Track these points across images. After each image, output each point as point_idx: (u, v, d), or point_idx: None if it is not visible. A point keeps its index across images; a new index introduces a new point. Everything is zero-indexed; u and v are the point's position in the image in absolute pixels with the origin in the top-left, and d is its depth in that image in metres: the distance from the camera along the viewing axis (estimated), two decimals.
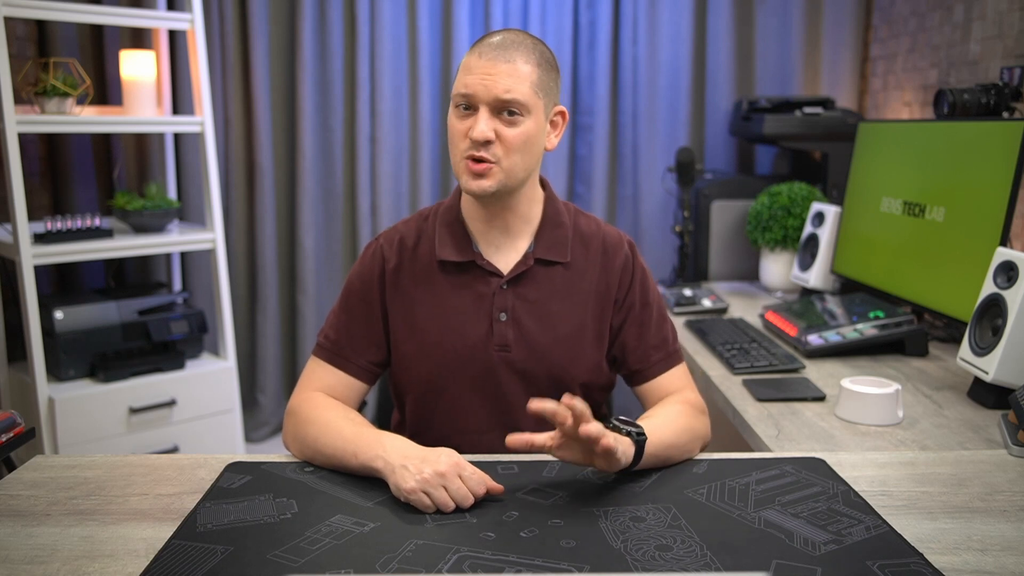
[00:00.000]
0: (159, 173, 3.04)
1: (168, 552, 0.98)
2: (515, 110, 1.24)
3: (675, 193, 2.94)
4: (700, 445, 1.30)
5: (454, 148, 1.28)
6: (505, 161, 1.25)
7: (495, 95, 1.22)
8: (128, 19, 2.58)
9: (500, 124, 1.24)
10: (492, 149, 1.24)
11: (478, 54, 1.25)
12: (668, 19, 3.11)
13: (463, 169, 1.27)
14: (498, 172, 1.26)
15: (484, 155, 1.24)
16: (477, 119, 1.23)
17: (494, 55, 1.24)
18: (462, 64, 1.28)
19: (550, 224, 1.37)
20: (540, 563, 0.95)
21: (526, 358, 1.33)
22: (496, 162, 1.25)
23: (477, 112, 1.24)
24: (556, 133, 1.34)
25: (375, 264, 1.38)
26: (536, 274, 1.35)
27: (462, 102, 1.25)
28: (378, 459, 1.13)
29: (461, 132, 1.26)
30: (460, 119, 1.26)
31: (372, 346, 1.37)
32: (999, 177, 1.77)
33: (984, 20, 2.41)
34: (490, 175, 1.26)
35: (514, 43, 1.25)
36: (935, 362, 1.85)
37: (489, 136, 1.23)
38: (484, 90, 1.23)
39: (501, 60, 1.23)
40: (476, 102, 1.24)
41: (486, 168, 1.25)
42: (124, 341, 2.58)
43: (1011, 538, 1.03)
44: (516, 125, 1.25)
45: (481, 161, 1.25)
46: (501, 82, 1.22)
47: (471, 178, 1.26)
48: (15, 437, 1.45)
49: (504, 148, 1.25)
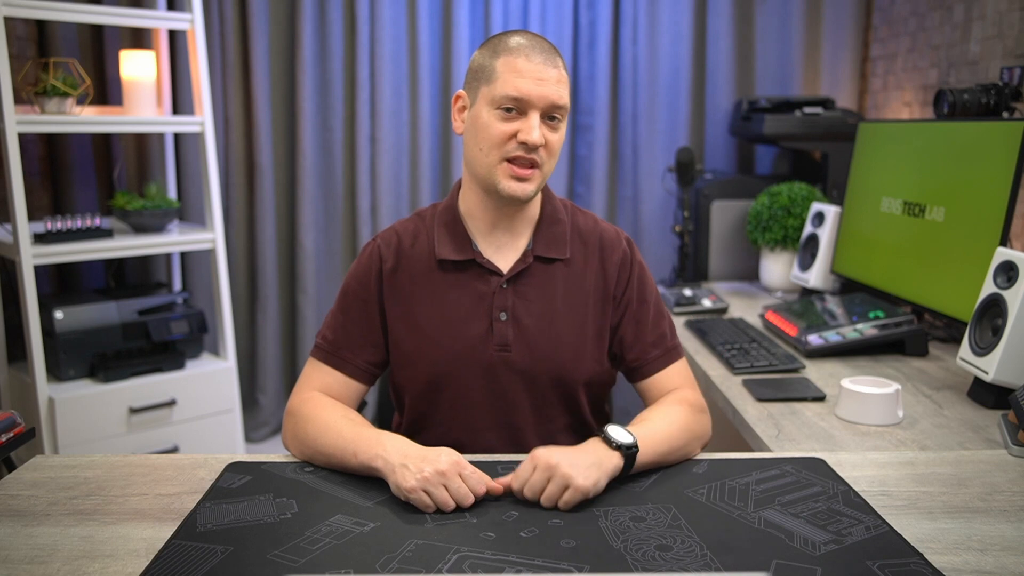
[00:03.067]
0: (159, 173, 3.04)
1: (168, 552, 0.98)
2: (557, 116, 1.26)
3: (675, 193, 2.94)
4: (700, 445, 1.30)
5: (494, 149, 1.26)
6: (547, 166, 1.29)
7: (551, 101, 1.24)
8: (128, 19, 2.58)
9: (545, 129, 1.26)
10: (539, 154, 1.26)
11: (525, 57, 1.24)
12: (668, 19, 3.11)
13: (503, 172, 1.26)
14: (538, 176, 1.28)
15: (533, 157, 1.26)
16: (529, 123, 1.24)
17: (542, 60, 1.24)
18: (499, 64, 1.25)
19: (548, 221, 1.38)
20: (540, 563, 0.95)
21: (526, 357, 1.33)
22: (540, 166, 1.27)
23: (525, 116, 1.24)
24: None
25: (372, 265, 1.38)
26: (536, 272, 1.35)
27: (511, 105, 1.24)
28: (378, 458, 1.13)
29: (506, 134, 1.25)
30: (504, 121, 1.25)
31: (369, 346, 1.37)
32: (999, 177, 1.77)
33: (984, 20, 2.41)
34: (532, 179, 1.27)
35: (550, 48, 1.27)
36: (935, 362, 1.85)
37: (542, 141, 1.25)
38: (540, 97, 1.23)
39: (550, 65, 1.25)
40: (528, 107, 1.24)
41: (531, 172, 1.26)
42: (124, 341, 2.58)
43: (1011, 538, 1.03)
44: (557, 130, 1.27)
45: (528, 165, 1.26)
46: (554, 88, 1.24)
47: (514, 181, 1.27)
48: (15, 437, 1.45)
49: (548, 153, 1.28)
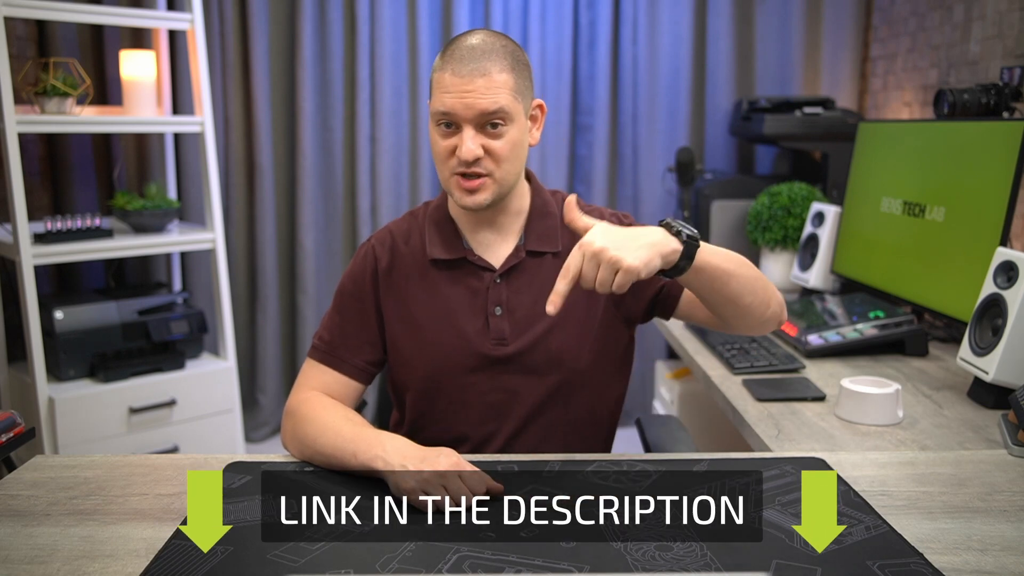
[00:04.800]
0: (159, 173, 3.04)
1: (168, 552, 0.98)
2: (498, 121, 1.23)
3: (675, 193, 2.95)
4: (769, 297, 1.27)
5: (441, 165, 1.27)
6: (497, 172, 1.25)
7: (477, 111, 1.21)
8: (128, 19, 2.58)
9: (486, 138, 1.23)
10: (482, 164, 1.24)
11: (451, 71, 1.22)
12: (668, 19, 3.11)
13: (454, 185, 1.26)
14: (491, 184, 1.26)
15: (476, 170, 1.24)
16: (463, 138, 1.22)
17: (468, 71, 1.21)
18: (434, 79, 1.25)
19: (538, 215, 1.37)
20: (540, 563, 0.95)
21: (523, 350, 1.33)
22: (488, 175, 1.25)
23: (460, 130, 1.23)
24: (537, 127, 1.33)
25: (367, 264, 1.38)
26: (528, 266, 1.35)
27: (443, 120, 1.24)
28: (377, 459, 1.13)
29: (447, 150, 1.25)
30: (444, 137, 1.25)
31: (366, 345, 1.37)
32: (999, 177, 1.77)
33: (984, 20, 2.41)
34: (483, 189, 1.25)
35: (485, 52, 1.23)
36: (935, 362, 1.85)
37: (478, 154, 1.22)
38: (464, 108, 1.21)
39: (476, 75, 1.21)
40: (458, 120, 1.22)
41: (479, 183, 1.25)
42: (124, 341, 2.58)
43: (1011, 538, 1.03)
44: (502, 136, 1.24)
45: (474, 177, 1.24)
46: (481, 98, 1.20)
47: (464, 194, 1.26)
48: (15, 437, 1.44)
49: (494, 160, 1.24)
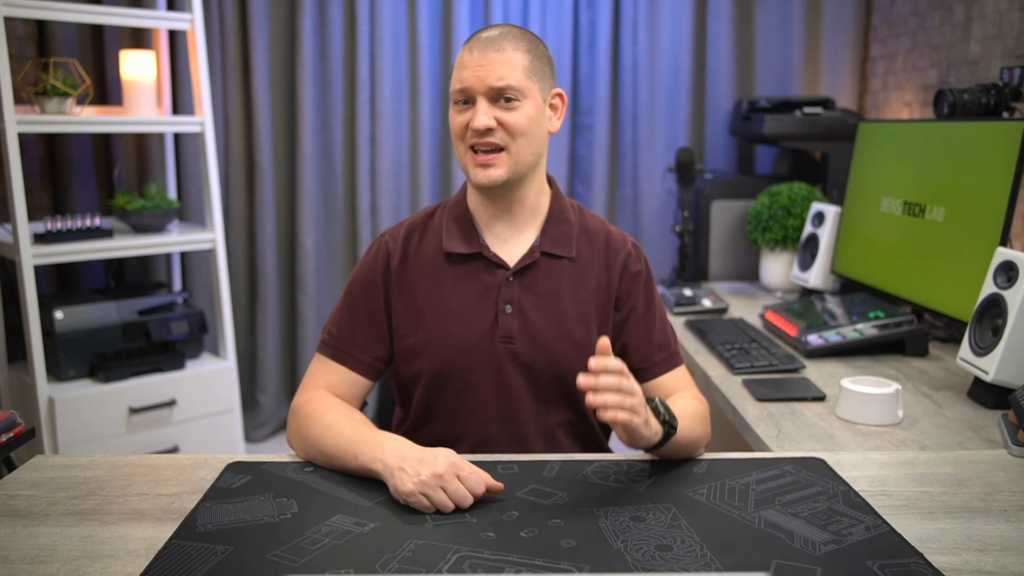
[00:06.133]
0: (159, 173, 3.04)
1: (168, 552, 0.98)
2: (511, 96, 1.26)
3: (675, 193, 2.94)
4: (705, 445, 1.31)
5: (458, 143, 1.30)
6: (513, 146, 1.27)
7: (489, 84, 1.25)
8: (128, 19, 2.58)
9: (499, 111, 1.26)
10: (497, 135, 1.26)
11: (469, 49, 1.28)
12: (668, 19, 3.11)
13: (469, 162, 1.29)
14: (506, 159, 1.28)
15: (490, 141, 1.26)
16: (476, 110, 1.26)
17: (484, 47, 1.27)
18: (456, 62, 1.30)
19: (556, 219, 1.38)
20: (540, 563, 0.95)
21: (530, 351, 1.34)
22: (504, 148, 1.27)
23: (475, 105, 1.27)
24: (557, 116, 1.35)
25: (378, 260, 1.38)
26: (542, 267, 1.36)
27: (460, 97, 1.28)
28: (377, 461, 1.14)
29: (462, 125, 1.28)
30: (459, 113, 1.29)
31: (375, 341, 1.37)
32: (999, 177, 1.77)
33: (984, 20, 2.41)
34: (498, 163, 1.27)
35: (503, 35, 1.28)
36: (935, 362, 1.85)
37: (490, 123, 1.25)
38: (478, 81, 1.25)
39: (492, 50, 1.26)
40: (472, 95, 1.26)
41: (493, 158, 1.27)
42: (124, 341, 2.58)
43: (1011, 538, 1.03)
44: (515, 110, 1.27)
45: (487, 152, 1.27)
46: (494, 71, 1.25)
47: (479, 170, 1.28)
48: (15, 437, 1.45)
49: (509, 133, 1.27)
